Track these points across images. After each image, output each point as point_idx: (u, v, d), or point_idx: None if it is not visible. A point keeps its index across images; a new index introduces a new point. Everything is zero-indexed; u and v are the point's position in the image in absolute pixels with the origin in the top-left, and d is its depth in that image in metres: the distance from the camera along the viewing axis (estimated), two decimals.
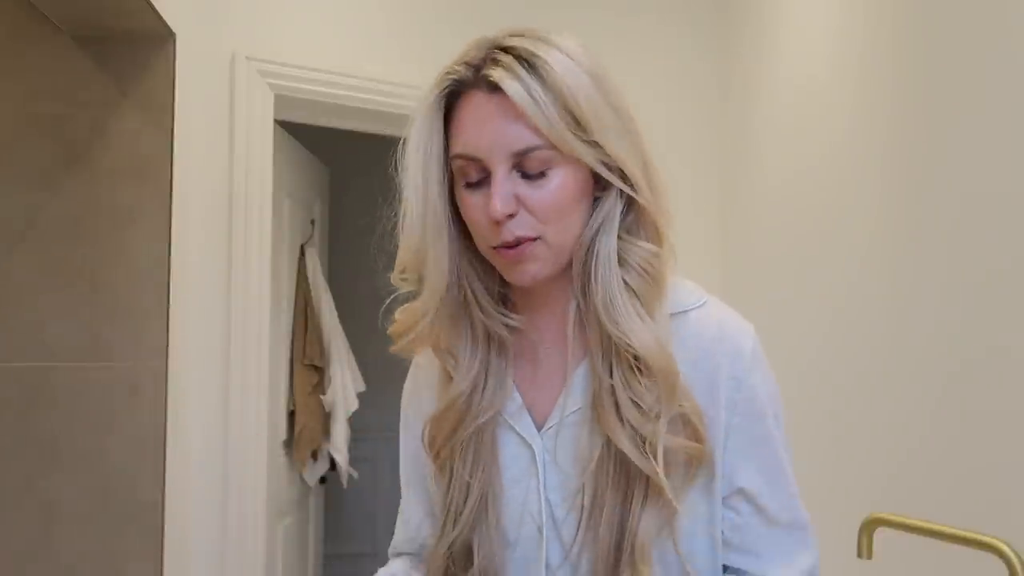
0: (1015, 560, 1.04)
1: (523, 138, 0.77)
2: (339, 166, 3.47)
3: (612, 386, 0.82)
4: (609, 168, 0.81)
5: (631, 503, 0.82)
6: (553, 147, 0.78)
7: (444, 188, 0.83)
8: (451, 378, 0.89)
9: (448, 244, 0.84)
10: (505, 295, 0.90)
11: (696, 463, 0.84)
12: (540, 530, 0.87)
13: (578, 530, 0.84)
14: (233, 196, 2.07)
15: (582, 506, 0.84)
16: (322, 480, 3.08)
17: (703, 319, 0.87)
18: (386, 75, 2.27)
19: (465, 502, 0.87)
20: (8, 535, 1.61)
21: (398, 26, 2.34)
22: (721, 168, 2.72)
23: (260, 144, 2.13)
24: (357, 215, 3.79)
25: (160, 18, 1.60)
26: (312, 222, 3.00)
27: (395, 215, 0.84)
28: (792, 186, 2.32)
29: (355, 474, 3.14)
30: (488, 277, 0.87)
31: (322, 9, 2.23)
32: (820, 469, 2.03)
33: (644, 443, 0.81)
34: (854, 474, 1.96)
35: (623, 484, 0.82)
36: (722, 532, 0.87)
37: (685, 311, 0.87)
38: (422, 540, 0.99)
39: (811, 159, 2.22)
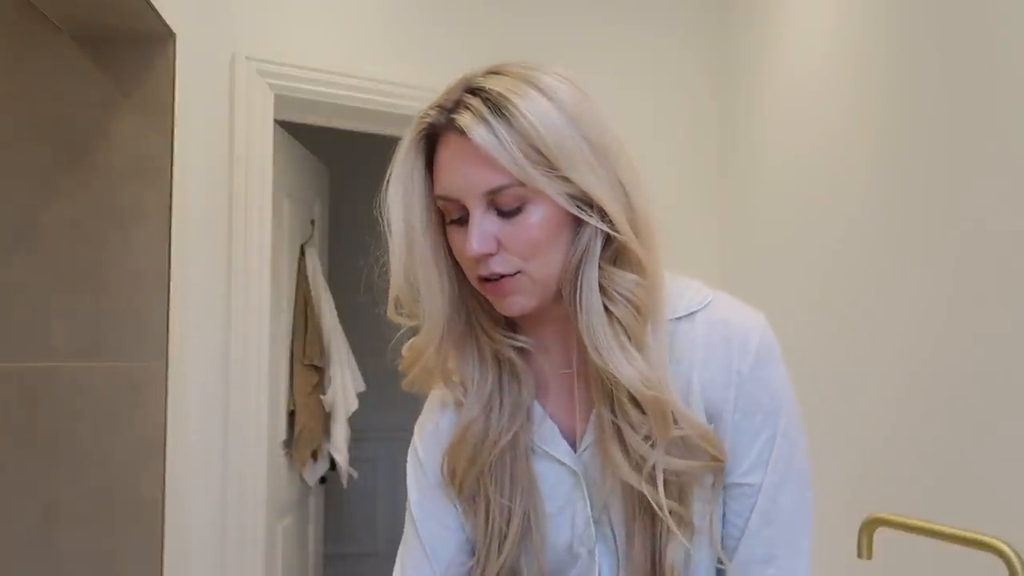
0: (1015, 560, 1.05)
1: (492, 178, 0.79)
2: (339, 166, 3.47)
3: (613, 418, 0.83)
4: (583, 202, 0.81)
5: (658, 528, 0.83)
6: (522, 184, 0.79)
7: (430, 225, 0.85)
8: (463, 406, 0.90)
9: (439, 277, 0.86)
10: (511, 321, 0.91)
11: (719, 481, 0.85)
12: (591, 552, 0.88)
13: (618, 549, 0.87)
14: (233, 196, 2.07)
15: (611, 526, 0.86)
16: (322, 480, 3.08)
17: (710, 319, 0.87)
18: (386, 75, 2.27)
19: (508, 526, 0.87)
20: (8, 535, 1.61)
21: (398, 26, 2.34)
22: (720, 164, 2.71)
23: (260, 144, 2.12)
24: (357, 215, 3.80)
25: (160, 18, 1.60)
26: (312, 222, 3.00)
27: (385, 252, 0.86)
28: (790, 182, 2.32)
29: (355, 474, 3.14)
30: (491, 304, 0.88)
31: (322, 9, 2.23)
32: (820, 469, 2.02)
33: (644, 469, 0.82)
34: (854, 474, 1.96)
35: (649, 510, 0.83)
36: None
37: (692, 313, 0.87)
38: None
39: (809, 155, 2.22)
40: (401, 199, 0.84)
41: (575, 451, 0.88)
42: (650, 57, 2.65)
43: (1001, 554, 1.06)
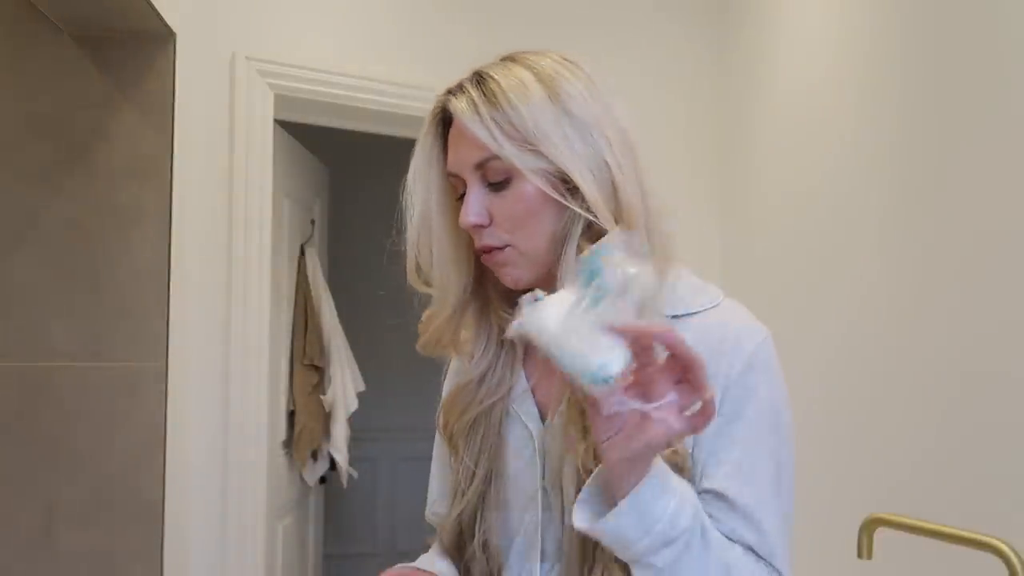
0: (1015, 560, 1.05)
1: (476, 153, 0.84)
2: (339, 166, 3.47)
3: (581, 396, 0.82)
4: (561, 180, 0.83)
5: None
6: (500, 158, 0.83)
7: (448, 202, 0.91)
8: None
9: (456, 252, 0.91)
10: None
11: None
12: (537, 516, 0.90)
13: (563, 522, 0.87)
14: (233, 196, 2.07)
15: (562, 499, 0.87)
16: (322, 480, 3.08)
17: (709, 321, 0.87)
18: (386, 75, 2.27)
19: (471, 483, 0.93)
20: (9, 535, 1.61)
21: (398, 26, 2.34)
22: (721, 169, 2.71)
23: (260, 144, 2.13)
24: (357, 215, 3.80)
25: (160, 18, 1.60)
26: (312, 222, 3.00)
27: (404, 228, 0.91)
28: (791, 182, 2.32)
29: (355, 474, 3.14)
30: (499, 281, 0.92)
31: (322, 9, 2.23)
32: (820, 469, 2.03)
33: (587, 443, 0.81)
34: (854, 474, 1.96)
35: None
36: None
37: (692, 313, 0.88)
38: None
39: (812, 159, 2.22)
40: (421, 178, 0.90)
41: (544, 421, 0.91)
42: (651, 59, 2.65)
43: (1001, 554, 1.06)
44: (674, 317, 0.87)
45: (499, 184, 0.85)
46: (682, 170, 2.65)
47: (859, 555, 1.23)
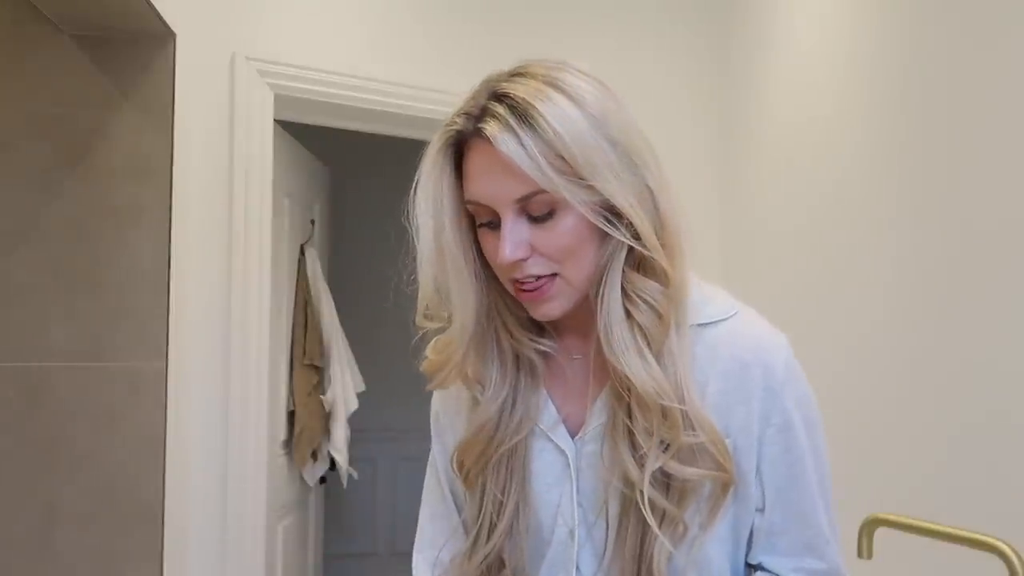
0: (1015, 560, 1.05)
1: (521, 187, 0.79)
2: (339, 166, 3.47)
3: (625, 418, 0.83)
4: (608, 210, 0.80)
5: (650, 527, 0.82)
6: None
7: (460, 228, 0.85)
8: (479, 403, 0.91)
9: (471, 280, 0.86)
10: (535, 319, 0.91)
11: (723, 490, 0.84)
12: (572, 533, 0.89)
13: (606, 540, 0.86)
14: (233, 196, 2.07)
15: (607, 518, 0.86)
16: (322, 480, 3.08)
17: (735, 330, 0.88)
18: (386, 75, 2.27)
19: (499, 516, 0.89)
20: (9, 535, 1.61)
21: (398, 26, 2.34)
22: (722, 169, 2.71)
23: (260, 144, 2.12)
24: (357, 215, 3.80)
25: (160, 18, 1.60)
26: (312, 222, 3.00)
27: (412, 258, 0.86)
28: (794, 186, 2.32)
29: (355, 474, 3.14)
30: (517, 306, 0.89)
31: (322, 9, 2.23)
32: None
33: (647, 469, 0.81)
34: (854, 474, 1.96)
35: (640, 507, 0.83)
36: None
37: (715, 322, 0.88)
38: (454, 546, 0.98)
39: (813, 159, 2.22)
40: (431, 204, 0.84)
41: (574, 437, 0.90)
42: (652, 58, 2.65)
43: (1001, 554, 1.06)
44: (699, 326, 0.87)
45: (542, 216, 0.80)
46: (683, 170, 2.64)
47: (859, 555, 1.22)
